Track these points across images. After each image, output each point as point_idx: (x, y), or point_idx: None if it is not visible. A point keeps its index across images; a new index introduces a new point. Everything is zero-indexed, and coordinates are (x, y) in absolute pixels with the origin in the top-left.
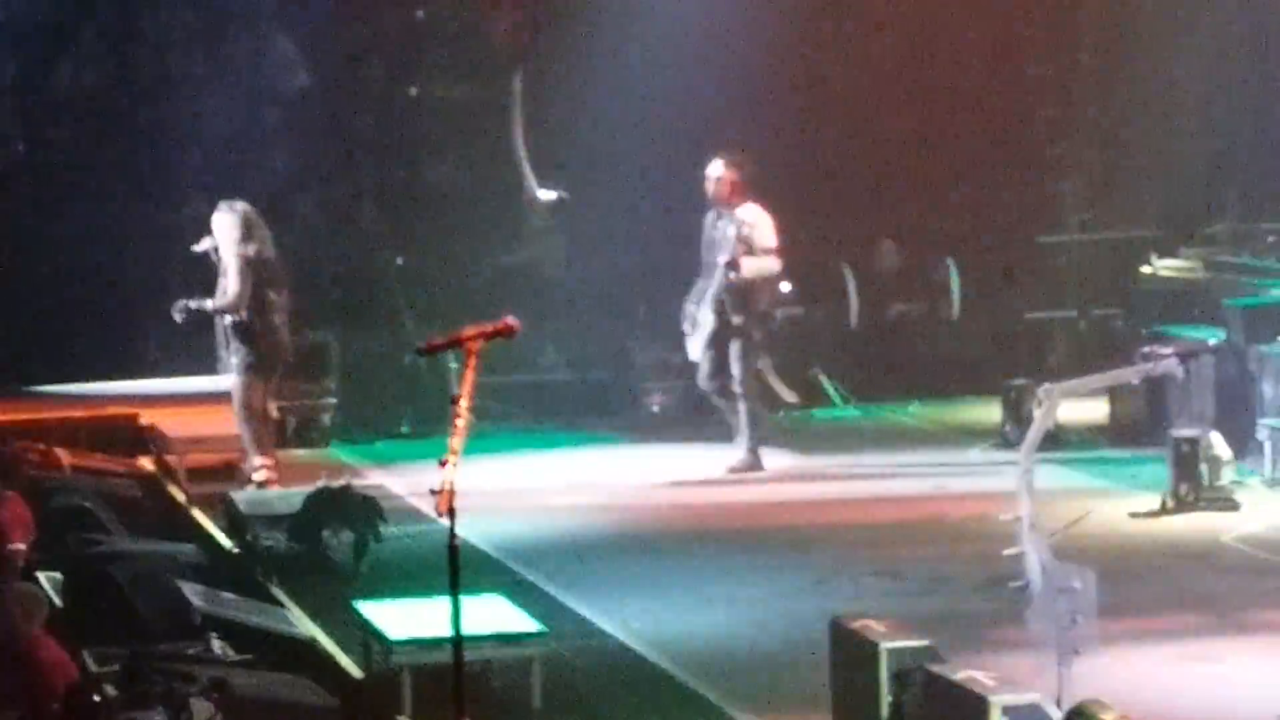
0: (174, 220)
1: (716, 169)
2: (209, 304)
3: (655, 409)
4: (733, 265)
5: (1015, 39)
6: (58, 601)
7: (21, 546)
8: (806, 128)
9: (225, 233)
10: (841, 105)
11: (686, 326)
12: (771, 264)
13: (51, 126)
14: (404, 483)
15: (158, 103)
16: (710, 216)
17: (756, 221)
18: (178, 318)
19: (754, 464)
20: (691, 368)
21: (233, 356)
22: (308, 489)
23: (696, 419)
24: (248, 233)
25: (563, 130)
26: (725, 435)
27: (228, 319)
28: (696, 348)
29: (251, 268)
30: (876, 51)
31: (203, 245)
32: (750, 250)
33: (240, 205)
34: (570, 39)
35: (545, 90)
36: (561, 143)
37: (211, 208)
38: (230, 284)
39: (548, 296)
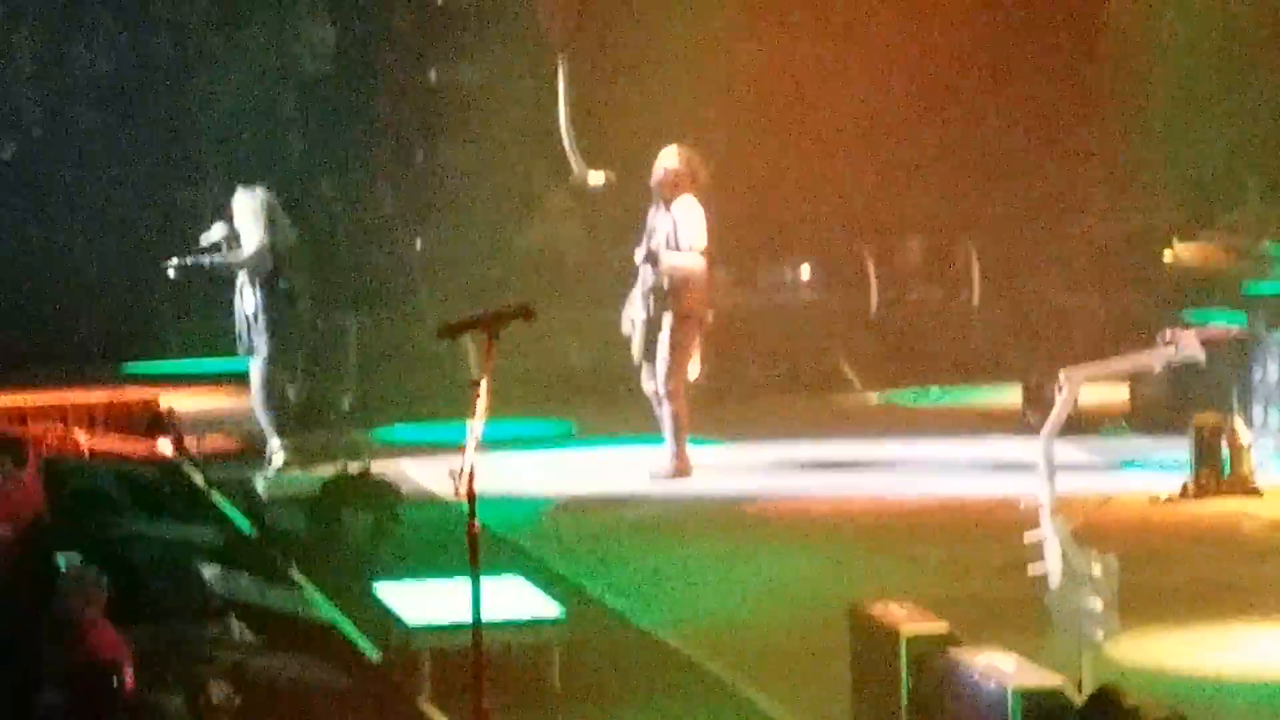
0: (192, 203)
1: (670, 159)
2: (215, 257)
3: None
4: (651, 259)
5: (1038, 26)
6: None
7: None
8: (833, 114)
9: (247, 217)
10: (865, 92)
11: (626, 327)
12: (692, 260)
13: (70, 109)
14: (422, 466)
15: (176, 86)
16: (652, 210)
17: (687, 217)
18: (171, 274)
19: (680, 469)
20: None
21: (253, 340)
22: (326, 472)
23: (720, 406)
24: (269, 219)
25: (600, 114)
26: (747, 423)
27: (248, 306)
28: (637, 351)
29: (272, 252)
30: (901, 39)
31: (214, 235)
32: (675, 246)
33: (260, 191)
34: (614, 22)
35: (584, 74)
36: (598, 126)
37: (228, 191)
38: (247, 245)
39: (567, 280)
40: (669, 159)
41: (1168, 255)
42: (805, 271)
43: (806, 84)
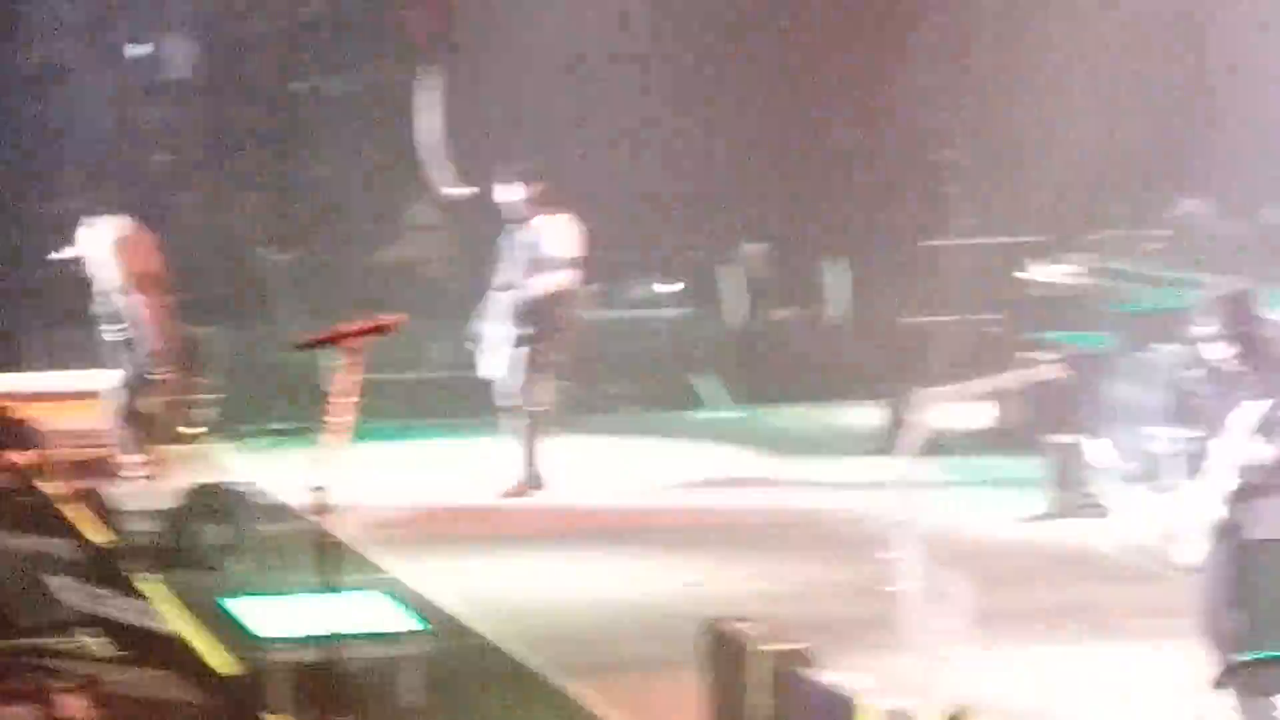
0: (54, 213)
1: (506, 194)
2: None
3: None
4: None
5: (903, 44)
6: None
7: None
8: (698, 129)
9: (102, 252)
10: (727, 106)
11: (469, 344)
12: (556, 280)
13: None
14: (280, 479)
15: (39, 96)
16: (505, 234)
17: (551, 233)
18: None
19: (533, 483)
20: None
21: (113, 355)
22: (182, 485)
23: (578, 419)
24: (125, 251)
25: (466, 127)
26: (606, 439)
27: (109, 323)
28: (489, 365)
29: (135, 283)
30: (764, 53)
31: (68, 253)
32: (539, 265)
33: (114, 222)
34: (483, 33)
35: (457, 84)
36: (464, 140)
37: (91, 201)
38: (104, 279)
39: (432, 293)
40: (501, 194)
41: (1023, 275)
42: (666, 288)
43: (670, 97)
